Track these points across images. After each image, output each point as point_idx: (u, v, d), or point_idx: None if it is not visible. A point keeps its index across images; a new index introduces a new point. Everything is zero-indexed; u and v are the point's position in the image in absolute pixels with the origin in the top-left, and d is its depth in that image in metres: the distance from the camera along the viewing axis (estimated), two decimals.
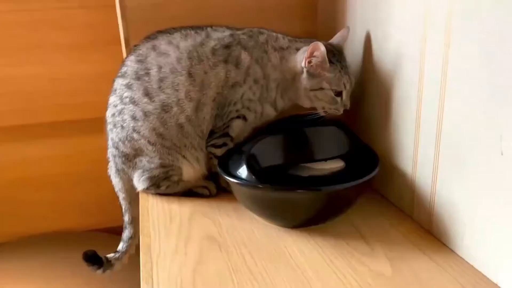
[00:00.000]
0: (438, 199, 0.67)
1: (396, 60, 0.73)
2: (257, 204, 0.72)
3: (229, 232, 0.73)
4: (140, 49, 0.83)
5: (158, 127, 0.81)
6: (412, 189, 0.73)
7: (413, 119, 0.70)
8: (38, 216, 1.46)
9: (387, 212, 0.77)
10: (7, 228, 1.44)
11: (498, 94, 0.53)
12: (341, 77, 0.79)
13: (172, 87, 0.80)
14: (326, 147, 0.78)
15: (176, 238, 0.72)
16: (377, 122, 0.81)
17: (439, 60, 0.62)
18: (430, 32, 0.63)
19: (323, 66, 0.78)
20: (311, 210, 0.70)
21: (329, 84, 0.79)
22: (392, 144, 0.77)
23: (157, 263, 0.65)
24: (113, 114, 0.84)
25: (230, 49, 0.81)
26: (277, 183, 0.69)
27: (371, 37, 0.81)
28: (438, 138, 0.65)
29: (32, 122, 1.40)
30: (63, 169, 1.44)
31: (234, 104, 0.82)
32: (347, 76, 0.80)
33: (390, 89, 0.76)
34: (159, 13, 0.92)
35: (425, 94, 0.67)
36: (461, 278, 0.59)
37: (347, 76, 0.80)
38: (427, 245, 0.67)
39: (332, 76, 0.78)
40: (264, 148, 0.76)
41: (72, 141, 1.44)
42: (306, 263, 0.64)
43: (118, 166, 0.87)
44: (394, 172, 0.77)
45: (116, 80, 0.85)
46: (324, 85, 0.79)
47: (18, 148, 1.41)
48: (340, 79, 0.79)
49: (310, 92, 0.80)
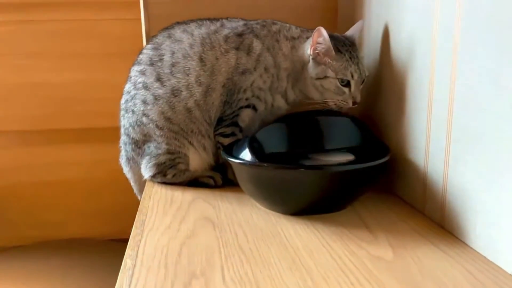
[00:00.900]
0: (450, 188, 0.62)
1: (409, 50, 0.71)
2: (257, 186, 0.70)
3: (227, 215, 0.70)
4: (157, 38, 0.86)
5: (166, 111, 0.81)
6: (424, 182, 0.68)
7: (425, 106, 0.67)
8: (56, 221, 1.47)
9: (397, 208, 0.72)
10: (24, 232, 1.46)
11: (508, 60, 0.50)
12: (348, 66, 0.77)
13: (183, 71, 0.81)
14: (336, 137, 0.75)
15: (172, 217, 0.69)
16: (390, 115, 0.78)
17: (449, 37, 0.59)
18: (440, 20, 0.61)
19: (328, 54, 0.76)
20: (313, 193, 0.66)
21: (334, 73, 0.77)
22: (405, 136, 0.73)
23: (147, 235, 0.63)
24: (126, 101, 0.86)
25: (243, 37, 0.81)
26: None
27: (385, 30, 0.79)
28: (450, 121, 0.61)
29: (62, 127, 1.44)
30: (88, 175, 1.46)
31: (244, 91, 0.81)
32: (356, 66, 0.77)
33: (403, 80, 0.73)
34: (180, 9, 0.95)
35: (436, 77, 0.63)
36: (469, 266, 0.53)
37: (356, 66, 0.77)
38: (436, 237, 0.61)
39: (338, 65, 0.76)
40: (270, 134, 0.74)
41: (99, 149, 1.47)
42: (300, 243, 0.60)
43: (129, 154, 0.87)
44: (405, 167, 0.73)
45: (132, 68, 0.87)
46: (329, 73, 0.77)
47: (46, 152, 1.45)
48: (347, 68, 0.76)
49: (316, 81, 0.78)
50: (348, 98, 0.78)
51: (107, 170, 1.46)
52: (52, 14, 1.38)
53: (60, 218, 1.46)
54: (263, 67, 0.80)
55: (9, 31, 1.37)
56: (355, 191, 0.69)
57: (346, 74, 0.77)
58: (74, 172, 1.46)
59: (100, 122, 1.42)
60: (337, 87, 0.77)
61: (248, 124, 0.83)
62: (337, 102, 0.78)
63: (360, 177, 0.67)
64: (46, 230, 1.46)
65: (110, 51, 1.39)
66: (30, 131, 1.42)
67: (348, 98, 0.78)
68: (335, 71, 0.77)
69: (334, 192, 0.67)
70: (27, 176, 1.44)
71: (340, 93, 0.78)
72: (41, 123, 1.41)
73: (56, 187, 1.46)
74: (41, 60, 1.39)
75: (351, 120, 0.77)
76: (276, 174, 0.66)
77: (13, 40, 1.37)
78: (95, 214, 1.49)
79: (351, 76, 0.77)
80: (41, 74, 1.40)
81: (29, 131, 1.42)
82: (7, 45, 1.37)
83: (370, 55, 0.85)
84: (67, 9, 1.38)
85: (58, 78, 1.40)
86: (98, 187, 1.47)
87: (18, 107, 1.40)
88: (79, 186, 1.46)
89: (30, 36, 1.37)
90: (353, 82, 0.78)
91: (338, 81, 0.77)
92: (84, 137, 1.45)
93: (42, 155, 1.44)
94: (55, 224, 1.46)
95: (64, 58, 1.40)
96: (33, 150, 1.43)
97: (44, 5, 1.37)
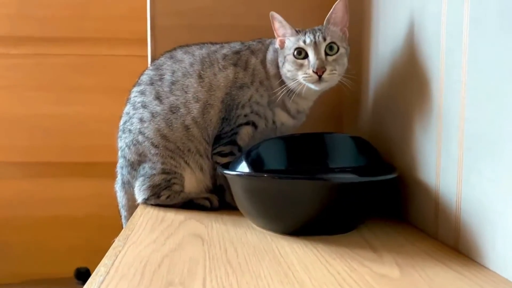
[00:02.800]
0: (464, 206, 0.56)
1: (415, 60, 0.67)
2: (253, 201, 0.64)
3: (219, 233, 0.64)
4: (159, 60, 0.85)
5: (163, 128, 0.78)
6: (435, 203, 0.62)
7: (434, 117, 0.62)
8: (55, 258, 1.40)
9: (406, 232, 0.66)
10: (21, 268, 1.39)
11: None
12: (301, 36, 0.72)
13: (182, 89, 0.79)
14: (339, 156, 0.70)
15: (159, 233, 0.64)
16: (397, 134, 0.73)
17: (458, 40, 0.56)
18: (448, 34, 0.58)
19: (286, 33, 0.75)
20: (314, 209, 0.61)
21: (290, 49, 0.73)
22: (413, 154, 0.68)
23: (129, 247, 0.58)
24: (124, 122, 0.84)
25: (240, 53, 0.81)
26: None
27: (390, 48, 0.76)
28: (461, 129, 0.56)
29: (65, 161, 1.42)
30: (90, 210, 1.41)
31: (242, 107, 0.78)
32: (311, 33, 0.72)
33: (410, 94, 0.69)
34: (186, 34, 0.94)
35: (446, 84, 0.59)
36: (486, 285, 0.46)
37: (311, 33, 0.72)
38: (450, 258, 0.54)
39: (293, 39, 0.73)
40: (269, 149, 0.70)
41: (102, 183, 1.42)
42: (295, 260, 0.53)
43: (125, 178, 0.83)
44: (415, 188, 0.67)
45: (132, 89, 0.85)
46: (286, 52, 0.74)
47: (48, 185, 1.42)
48: (300, 38, 0.72)
49: (283, 70, 0.75)
50: (307, 69, 0.72)
51: (110, 206, 1.41)
52: (66, 49, 1.41)
53: (59, 255, 1.40)
54: (258, 81, 0.79)
55: (23, 64, 1.39)
56: (360, 209, 0.63)
57: (299, 43, 0.72)
58: (75, 207, 1.42)
59: (104, 157, 1.38)
60: (293, 62, 0.73)
61: (247, 144, 0.80)
62: (301, 80, 0.72)
63: (365, 192, 0.61)
64: (45, 267, 1.39)
65: (119, 85, 1.38)
66: (33, 163, 1.40)
67: (307, 69, 0.72)
68: (290, 46, 0.74)
69: (336, 208, 0.61)
70: (26, 210, 1.40)
71: (299, 67, 0.73)
72: (44, 155, 1.40)
73: (56, 222, 1.41)
74: (49, 93, 1.40)
75: (355, 139, 0.72)
76: (274, 186, 0.61)
77: (26, 72, 1.39)
78: (95, 251, 1.42)
79: (303, 43, 0.72)
80: (48, 106, 1.40)
81: (32, 163, 1.40)
82: (20, 77, 1.39)
83: (377, 74, 0.82)
84: (80, 44, 1.41)
85: (64, 110, 1.40)
86: (100, 223, 1.41)
87: (23, 138, 1.39)
88: (80, 222, 1.41)
89: (42, 69, 1.39)
90: (309, 49, 0.72)
91: (292, 55, 0.73)
92: (87, 171, 1.42)
93: (44, 188, 1.41)
94: (54, 261, 1.40)
95: (72, 91, 1.40)
96: (34, 182, 1.41)
97: (59, 39, 1.40)
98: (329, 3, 0.75)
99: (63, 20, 1.38)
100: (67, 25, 1.38)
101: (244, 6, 0.97)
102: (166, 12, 0.95)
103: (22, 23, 1.37)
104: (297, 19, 0.79)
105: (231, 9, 0.97)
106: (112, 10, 1.38)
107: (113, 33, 1.40)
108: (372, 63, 0.85)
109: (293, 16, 0.78)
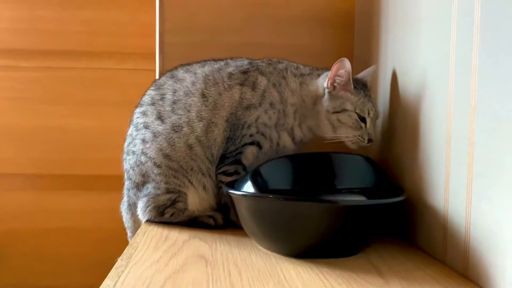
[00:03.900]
0: (474, 231, 0.55)
1: (423, 86, 0.67)
2: (258, 222, 0.63)
3: (223, 254, 0.63)
4: (160, 80, 0.85)
5: (165, 148, 0.78)
6: (444, 227, 0.61)
7: (442, 141, 0.61)
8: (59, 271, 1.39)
9: (413, 256, 0.64)
10: (24, 280, 1.38)
11: None
12: (365, 102, 0.75)
13: (184, 108, 0.79)
14: (347, 177, 0.70)
15: (163, 252, 0.63)
16: (405, 156, 0.72)
17: (467, 64, 0.55)
18: (456, 58, 0.58)
19: (346, 87, 0.74)
20: (320, 231, 0.60)
21: (352, 106, 0.74)
22: (421, 177, 0.67)
23: (132, 268, 0.57)
24: (128, 144, 0.83)
25: (248, 74, 0.80)
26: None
27: (399, 70, 0.76)
28: (471, 154, 0.55)
29: (72, 173, 1.42)
30: (95, 224, 1.40)
31: (248, 127, 0.78)
32: (371, 104, 0.76)
33: (418, 117, 0.68)
34: (194, 51, 0.95)
35: (455, 108, 0.59)
36: None
37: (371, 104, 0.76)
38: (457, 285, 0.53)
39: (356, 99, 0.74)
40: (275, 169, 0.70)
41: (108, 197, 1.42)
42: (300, 285, 0.52)
43: (131, 200, 0.83)
44: (423, 211, 0.66)
45: (134, 110, 0.85)
46: (347, 106, 0.74)
47: (54, 197, 1.41)
48: (365, 104, 0.75)
49: (333, 116, 0.75)
50: (364, 133, 0.75)
51: (115, 220, 1.41)
52: (76, 62, 1.42)
53: (63, 268, 1.39)
54: (268, 103, 0.78)
55: (33, 76, 1.40)
56: (368, 232, 0.62)
57: (364, 110, 0.75)
58: (81, 220, 1.41)
59: (111, 170, 1.39)
60: (355, 120, 0.75)
61: (252, 163, 0.79)
62: (352, 138, 0.74)
63: (373, 215, 0.60)
64: (48, 279, 1.39)
65: (128, 99, 1.38)
66: (40, 175, 1.40)
67: (364, 133, 0.75)
68: (354, 104, 0.75)
69: (343, 231, 0.60)
70: (32, 222, 1.40)
71: (358, 128, 0.75)
72: (51, 167, 1.39)
73: (61, 234, 1.40)
74: (59, 106, 1.40)
75: (364, 159, 0.71)
76: (280, 207, 0.60)
77: (36, 85, 1.40)
78: (100, 265, 1.41)
79: (368, 113, 0.75)
80: (57, 119, 1.40)
81: (39, 175, 1.40)
82: (30, 89, 1.40)
83: (385, 96, 0.82)
84: (90, 57, 1.41)
85: (74, 124, 1.40)
86: (105, 237, 1.40)
87: (31, 150, 1.39)
88: (85, 235, 1.40)
89: (52, 82, 1.40)
90: (368, 119, 0.75)
91: (356, 115, 0.74)
92: (93, 184, 1.41)
93: (50, 200, 1.40)
94: (57, 274, 1.39)
95: (82, 104, 1.41)
96: (41, 194, 1.40)
97: (69, 53, 1.41)
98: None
99: (74, 34, 1.40)
100: (77, 39, 1.40)
101: (252, 24, 0.97)
102: (174, 29, 0.96)
103: (33, 36, 1.38)
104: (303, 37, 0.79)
105: (239, 26, 0.97)
106: (121, 25, 1.39)
107: (122, 47, 1.40)
108: (380, 83, 0.85)
109: (300, 36, 0.79)
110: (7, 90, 1.38)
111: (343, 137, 0.75)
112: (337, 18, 0.98)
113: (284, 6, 0.98)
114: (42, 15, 1.38)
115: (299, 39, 0.97)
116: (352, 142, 0.75)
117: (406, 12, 0.75)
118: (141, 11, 1.37)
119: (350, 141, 0.75)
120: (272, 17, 0.97)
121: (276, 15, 0.97)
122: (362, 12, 0.97)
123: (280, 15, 0.98)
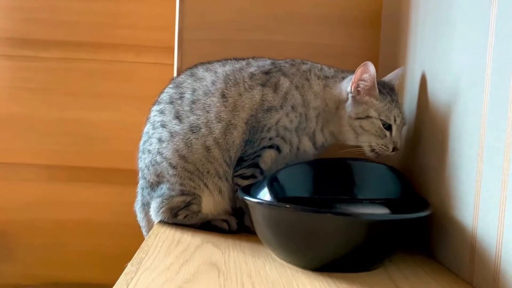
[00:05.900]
0: (506, 254, 0.51)
1: (455, 93, 0.63)
2: (274, 231, 0.60)
3: (236, 263, 0.61)
4: (179, 78, 0.82)
5: (181, 149, 0.75)
6: (471, 246, 0.57)
7: (474, 154, 0.57)
8: (70, 263, 1.39)
9: (437, 274, 0.61)
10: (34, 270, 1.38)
11: None
12: (392, 108, 0.71)
13: (203, 108, 0.76)
14: (369, 186, 0.66)
15: (174, 258, 0.61)
16: (432, 167, 0.69)
17: (505, 73, 0.51)
18: (493, 67, 0.54)
19: (371, 92, 0.70)
20: (340, 245, 0.57)
21: (377, 113, 0.70)
22: (449, 190, 0.63)
23: (142, 274, 0.55)
24: (144, 142, 0.81)
25: (270, 74, 0.77)
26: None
27: (429, 75, 0.72)
28: (506, 170, 0.51)
29: (88, 165, 1.41)
30: (110, 217, 1.39)
31: (268, 130, 0.75)
32: (398, 110, 0.71)
33: (448, 126, 0.64)
34: (214, 47, 0.92)
35: (489, 120, 0.55)
36: None
37: (398, 110, 0.71)
38: None
39: (381, 105, 0.70)
40: (294, 175, 0.66)
41: (123, 190, 1.40)
42: None
43: (145, 199, 0.81)
44: (449, 227, 0.63)
45: (152, 108, 0.83)
46: (371, 113, 0.70)
47: (70, 189, 1.41)
48: (390, 111, 0.70)
49: (355, 122, 0.71)
50: (389, 142, 0.71)
51: (129, 214, 1.40)
52: (94, 54, 1.41)
53: (75, 260, 1.39)
54: (290, 105, 0.75)
55: (52, 67, 1.39)
56: (389, 247, 0.59)
57: (389, 116, 0.71)
58: (95, 212, 1.40)
59: (126, 164, 1.37)
60: (379, 128, 0.71)
61: (270, 167, 0.76)
62: (375, 147, 0.71)
63: (397, 229, 0.57)
64: (59, 270, 1.38)
65: (145, 93, 1.36)
66: (55, 166, 1.40)
67: (389, 142, 0.71)
68: (378, 111, 0.71)
69: (364, 245, 0.57)
70: (46, 213, 1.39)
71: (382, 136, 0.71)
72: (67, 159, 1.39)
73: (74, 226, 1.40)
74: (78, 98, 1.40)
75: (388, 168, 0.68)
76: (298, 218, 0.57)
77: (54, 76, 1.39)
78: (112, 258, 1.41)
79: (394, 120, 0.71)
80: (75, 111, 1.39)
81: (54, 166, 1.40)
82: (48, 80, 1.39)
83: (412, 102, 0.78)
84: (109, 50, 1.40)
85: (90, 116, 1.39)
86: (118, 231, 1.40)
87: (47, 141, 1.39)
88: (97, 228, 1.40)
89: (70, 74, 1.39)
90: (394, 127, 0.71)
91: (381, 122, 0.70)
92: (108, 177, 1.41)
93: (65, 192, 1.40)
94: (69, 266, 1.38)
95: (100, 97, 1.39)
96: (55, 186, 1.40)
97: (87, 44, 1.40)
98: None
99: (93, 25, 1.38)
100: (97, 30, 1.38)
101: (273, 21, 0.94)
102: (194, 26, 0.93)
103: (52, 27, 1.37)
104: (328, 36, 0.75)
105: (260, 24, 0.94)
106: (140, 18, 1.37)
107: (141, 40, 1.39)
108: (407, 87, 0.81)
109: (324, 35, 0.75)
110: (25, 80, 1.38)
111: (365, 144, 0.71)
112: (363, 18, 0.94)
113: (309, 4, 0.94)
114: (62, 5, 1.37)
115: (323, 38, 0.93)
116: (373, 150, 0.71)
117: (437, 14, 0.71)
118: (161, 4, 1.35)
119: (371, 149, 0.71)
120: (295, 15, 0.94)
121: (299, 13, 0.94)
122: (389, 13, 0.93)
123: (304, 12, 0.94)
